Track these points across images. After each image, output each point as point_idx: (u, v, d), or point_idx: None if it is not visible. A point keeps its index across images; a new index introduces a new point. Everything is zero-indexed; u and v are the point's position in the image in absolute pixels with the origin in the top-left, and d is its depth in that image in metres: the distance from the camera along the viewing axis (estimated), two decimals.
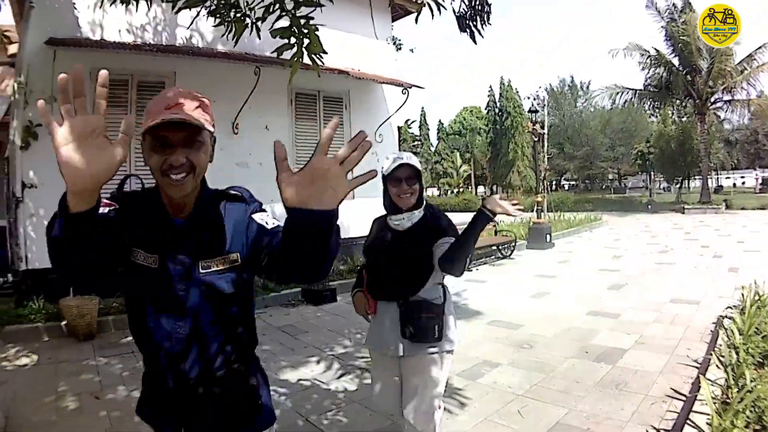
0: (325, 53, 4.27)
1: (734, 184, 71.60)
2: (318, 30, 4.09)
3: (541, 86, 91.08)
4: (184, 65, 11.00)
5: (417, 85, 14.25)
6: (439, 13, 5.09)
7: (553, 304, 9.81)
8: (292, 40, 4.13)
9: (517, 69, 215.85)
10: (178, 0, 4.52)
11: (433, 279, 3.39)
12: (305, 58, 4.26)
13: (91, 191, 1.47)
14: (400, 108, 14.39)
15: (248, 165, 11.84)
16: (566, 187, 78.97)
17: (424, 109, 79.18)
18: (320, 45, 4.15)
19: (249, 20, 4.52)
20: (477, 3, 5.65)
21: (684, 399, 5.15)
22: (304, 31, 4.06)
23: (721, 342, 6.55)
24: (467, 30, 5.74)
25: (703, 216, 30.56)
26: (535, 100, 47.88)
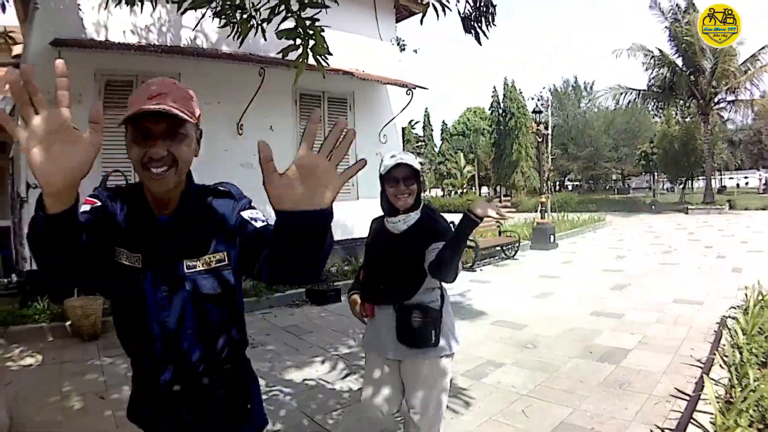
0: (330, 55, 4.28)
1: (738, 185, 71.45)
2: (324, 31, 4.10)
3: (545, 87, 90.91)
4: (188, 66, 11.00)
5: (421, 86, 14.26)
6: (444, 14, 5.10)
7: (556, 305, 9.82)
8: (298, 42, 4.14)
9: (519, 70, 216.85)
10: (184, 1, 4.53)
11: (429, 282, 3.33)
12: (310, 59, 4.27)
13: (67, 191, 1.39)
14: (404, 109, 14.42)
15: (253, 165, 11.73)
16: (570, 187, 78.81)
17: (427, 109, 79.22)
18: (325, 46, 4.16)
19: (254, 21, 4.53)
20: (482, 4, 5.66)
21: (687, 399, 5.16)
22: (310, 33, 4.07)
23: (724, 342, 6.56)
24: (472, 31, 5.75)
25: (706, 216, 30.53)
26: (538, 100, 47.73)
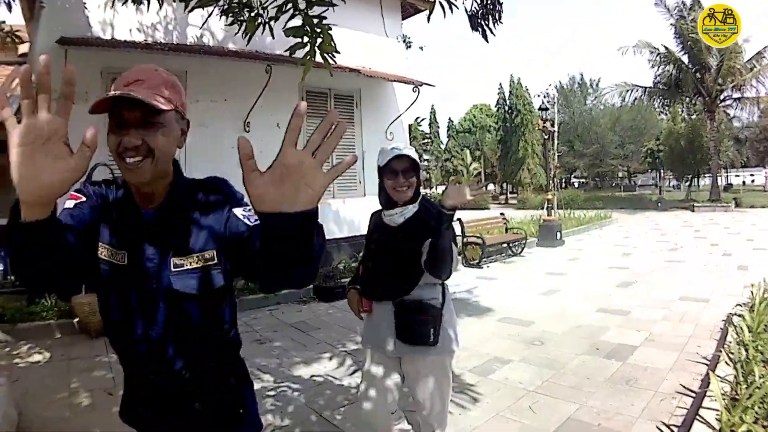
0: (338, 53, 4.27)
1: (744, 182, 71.39)
2: (331, 29, 4.11)
3: (551, 84, 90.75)
4: (195, 64, 11.03)
5: (428, 83, 14.32)
6: (451, 12, 5.09)
7: (563, 302, 9.84)
8: (305, 39, 4.15)
9: (523, 69, 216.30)
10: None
11: (429, 277, 3.26)
12: (318, 57, 4.28)
13: (39, 206, 1.33)
14: (410, 106, 14.44)
15: (260, 162, 11.85)
16: (576, 184, 78.67)
17: (433, 106, 79.02)
18: (333, 44, 4.17)
19: (262, 19, 4.54)
20: (488, 2, 5.67)
21: (693, 395, 5.18)
22: (317, 31, 4.07)
23: (730, 339, 6.57)
24: (479, 29, 5.77)
25: (712, 214, 30.46)
26: (545, 98, 47.67)
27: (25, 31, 10.87)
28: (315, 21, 4.03)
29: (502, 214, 18.48)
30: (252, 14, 4.53)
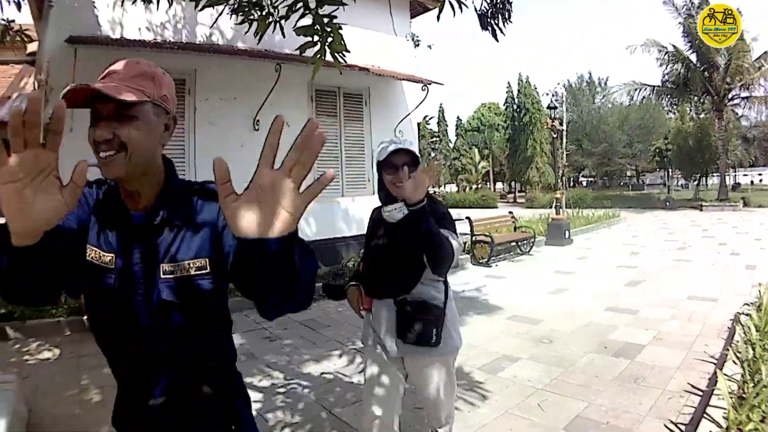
0: (348, 52, 4.27)
1: (752, 182, 71.32)
2: (341, 28, 4.12)
3: (560, 83, 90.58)
4: (204, 62, 11.15)
5: (436, 82, 14.36)
6: (460, 11, 5.09)
7: (571, 300, 9.86)
8: (315, 38, 4.16)
9: (532, 68, 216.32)
10: None
11: (429, 275, 3.18)
12: (328, 56, 4.29)
13: (35, 235, 1.28)
14: (420, 104, 14.48)
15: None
16: (584, 183, 78.56)
17: (442, 105, 78.90)
18: (343, 43, 4.18)
19: (272, 18, 4.54)
20: (498, 1, 5.68)
21: (701, 394, 5.20)
22: (327, 30, 4.08)
23: (737, 338, 6.59)
24: (489, 28, 5.78)
25: (720, 213, 30.43)
26: (553, 96, 47.58)
27: (34, 30, 10.92)
28: (325, 20, 4.04)
29: (510, 212, 18.55)
30: (263, 13, 4.54)
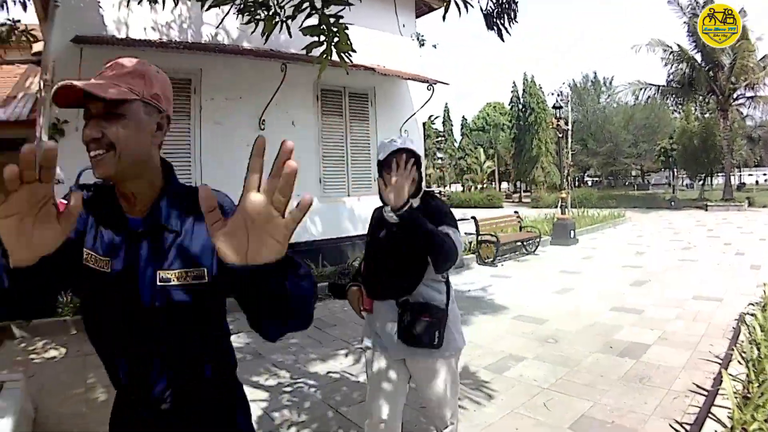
0: (354, 52, 4.27)
1: (757, 182, 70.95)
2: (347, 28, 4.12)
3: (565, 82, 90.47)
4: (210, 62, 11.19)
5: (442, 81, 14.36)
6: (466, 10, 5.10)
7: (577, 300, 9.87)
8: (322, 38, 4.17)
9: (532, 68, 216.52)
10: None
11: (430, 275, 3.15)
12: (334, 56, 4.29)
13: (33, 259, 1.26)
14: (425, 104, 14.46)
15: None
16: (589, 183, 78.43)
17: (447, 105, 78.91)
18: (349, 43, 4.18)
19: (279, 18, 4.54)
20: (504, 1, 5.70)
21: (706, 394, 5.22)
22: (334, 30, 4.09)
23: (742, 338, 6.60)
24: (495, 28, 5.79)
25: (725, 213, 30.40)
26: (558, 96, 47.52)
27: (39, 30, 10.97)
28: (331, 20, 4.05)
29: (516, 212, 18.58)
30: (269, 13, 4.55)
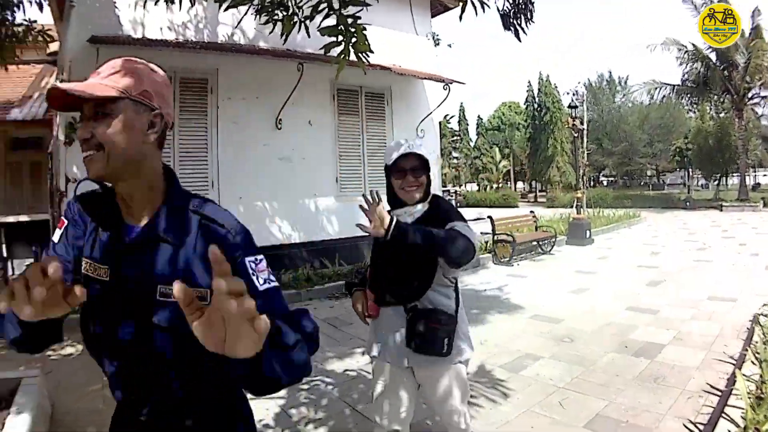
0: (372, 52, 4.28)
1: None
2: (365, 29, 4.14)
3: (580, 82, 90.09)
4: (226, 62, 11.27)
5: (458, 81, 14.36)
6: (483, 11, 5.11)
7: (592, 300, 9.89)
8: (340, 38, 4.19)
9: (545, 67, 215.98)
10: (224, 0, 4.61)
11: (439, 281, 3.02)
12: (352, 56, 4.31)
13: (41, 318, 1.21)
14: (441, 103, 14.52)
15: (291, 159, 12.12)
16: (605, 183, 78.11)
17: (462, 104, 78.81)
18: (367, 43, 4.20)
19: (297, 18, 4.57)
20: (520, 1, 5.73)
21: (720, 394, 5.23)
22: (352, 30, 4.11)
23: (756, 339, 6.61)
24: (511, 28, 5.83)
25: (740, 214, 30.24)
26: (574, 95, 47.31)
27: (54, 30, 11.06)
28: (349, 21, 4.08)
29: (532, 212, 18.65)
30: (288, 13, 4.58)
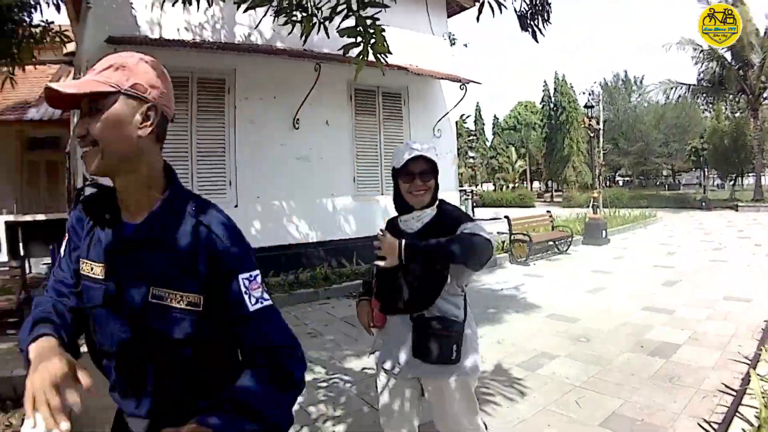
0: (390, 53, 4.30)
1: None
2: (384, 30, 4.17)
3: (596, 81, 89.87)
4: (244, 62, 11.35)
5: (474, 81, 14.41)
6: (500, 11, 5.13)
7: (608, 299, 9.90)
8: (358, 39, 4.23)
9: (561, 68, 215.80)
10: (244, 1, 4.66)
11: (449, 290, 2.95)
12: (370, 57, 4.33)
13: None
14: (458, 103, 14.55)
15: (309, 159, 12.21)
16: (621, 183, 77.72)
17: (478, 104, 78.72)
18: (385, 45, 4.23)
19: (316, 19, 4.61)
20: (538, 2, 5.77)
21: (734, 393, 5.27)
22: (370, 31, 4.15)
23: None
24: (529, 29, 5.88)
25: (756, 214, 30.00)
26: (590, 95, 47.20)
27: (71, 31, 11.16)
28: (368, 22, 4.12)
29: (548, 211, 18.71)
30: (307, 14, 4.62)
